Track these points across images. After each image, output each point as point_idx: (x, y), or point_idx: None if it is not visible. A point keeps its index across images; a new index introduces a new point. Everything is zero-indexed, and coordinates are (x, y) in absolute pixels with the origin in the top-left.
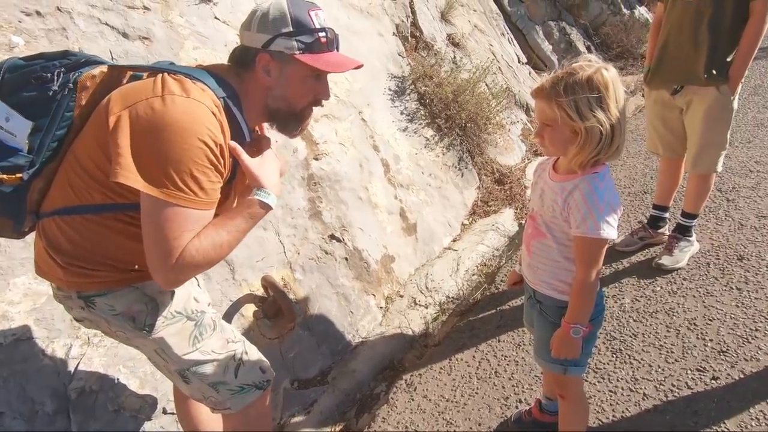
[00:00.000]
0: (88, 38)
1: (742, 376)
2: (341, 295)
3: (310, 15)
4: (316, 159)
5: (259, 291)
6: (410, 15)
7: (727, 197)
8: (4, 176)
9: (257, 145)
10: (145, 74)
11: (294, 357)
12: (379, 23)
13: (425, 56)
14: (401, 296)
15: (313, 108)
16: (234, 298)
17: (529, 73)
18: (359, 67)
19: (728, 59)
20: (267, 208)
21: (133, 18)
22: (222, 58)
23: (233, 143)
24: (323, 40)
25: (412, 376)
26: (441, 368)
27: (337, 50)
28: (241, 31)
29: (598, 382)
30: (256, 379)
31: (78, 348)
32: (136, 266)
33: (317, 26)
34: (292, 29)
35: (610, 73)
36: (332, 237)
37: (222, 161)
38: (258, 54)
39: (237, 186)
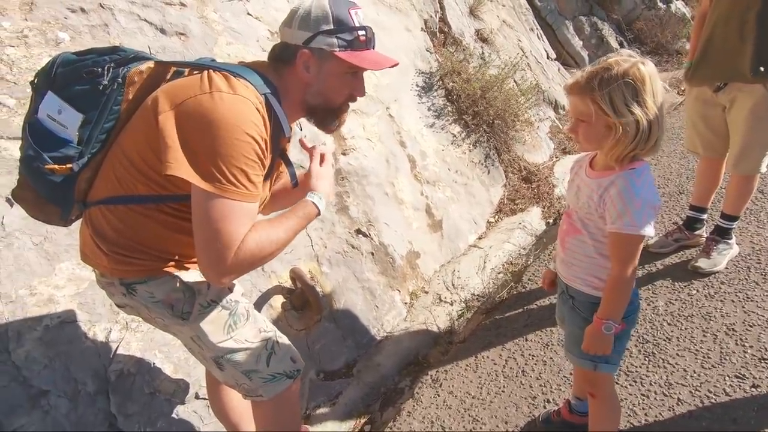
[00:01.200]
0: (128, 34)
1: None
2: (367, 290)
3: (350, 13)
4: (344, 154)
5: (288, 283)
6: (439, 10)
7: None
8: (56, 166)
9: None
10: (186, 70)
11: (320, 349)
12: (407, 19)
13: (453, 52)
14: (426, 292)
15: (350, 104)
16: (263, 288)
17: (558, 70)
18: (395, 65)
19: None
20: (318, 211)
21: (170, 14)
22: (254, 53)
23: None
24: (362, 38)
25: (437, 372)
26: (467, 365)
27: (374, 48)
28: (281, 28)
29: (630, 385)
30: (287, 368)
31: (117, 332)
32: (176, 256)
33: (357, 24)
34: (332, 27)
35: (647, 68)
36: (359, 231)
37: (266, 155)
38: (299, 50)
39: (272, 183)
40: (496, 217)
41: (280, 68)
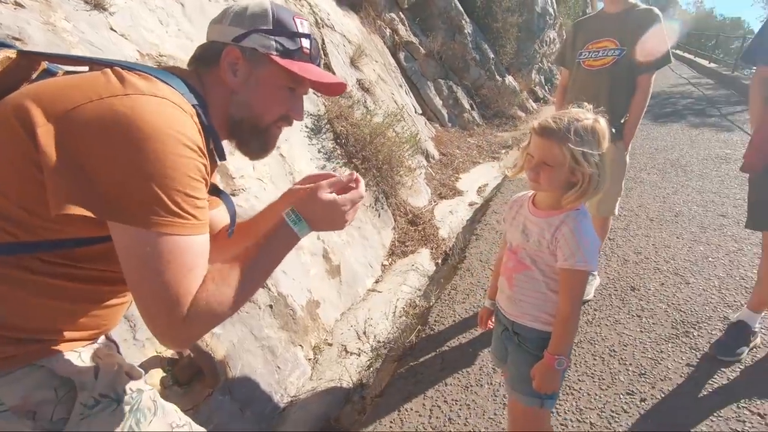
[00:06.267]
0: None
1: (662, 395)
2: (267, 349)
3: (294, 20)
4: (233, 195)
5: (168, 352)
6: (323, 56)
7: (609, 237)
8: None
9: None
10: (61, 71)
11: (213, 429)
12: None
13: (339, 98)
14: (330, 345)
15: (282, 128)
16: (135, 362)
17: (425, 123)
18: (344, 87)
19: (622, 120)
20: (296, 235)
21: None
22: None
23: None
24: (306, 49)
25: None
26: (391, 422)
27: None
28: (209, 26)
29: (550, 413)
30: None
31: None
32: (42, 334)
33: (301, 31)
34: (271, 27)
35: (603, 123)
36: None
37: (209, 175)
38: (226, 47)
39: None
40: (390, 259)
41: (203, 71)
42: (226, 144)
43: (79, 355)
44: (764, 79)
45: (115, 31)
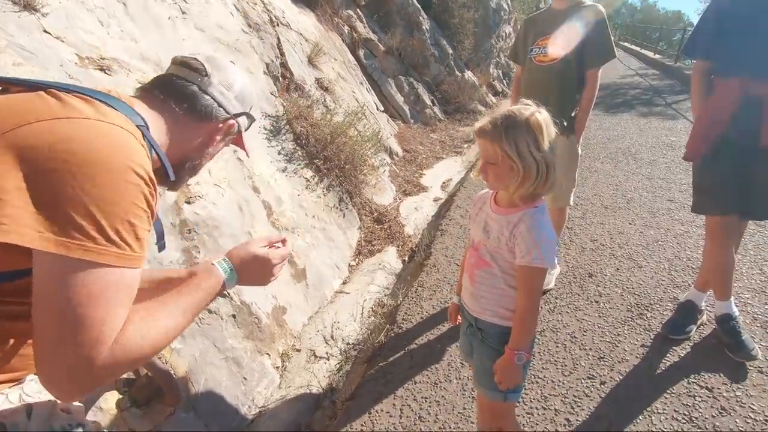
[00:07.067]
0: None
1: (620, 376)
2: (231, 360)
3: None
4: (189, 202)
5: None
6: (279, 56)
7: (567, 226)
8: None
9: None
10: None
11: None
12: (247, 60)
13: (297, 97)
14: (298, 350)
15: None
16: None
17: (387, 120)
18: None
19: (573, 114)
20: (222, 282)
21: None
22: (56, 77)
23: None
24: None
25: None
26: (362, 425)
27: None
28: (205, 78)
29: (515, 406)
30: None
31: None
32: None
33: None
34: (248, 112)
35: (542, 116)
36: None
37: (155, 202)
38: (230, 119)
39: None
40: (357, 259)
41: (190, 118)
42: None
43: (6, 396)
44: (702, 72)
45: (49, 33)
